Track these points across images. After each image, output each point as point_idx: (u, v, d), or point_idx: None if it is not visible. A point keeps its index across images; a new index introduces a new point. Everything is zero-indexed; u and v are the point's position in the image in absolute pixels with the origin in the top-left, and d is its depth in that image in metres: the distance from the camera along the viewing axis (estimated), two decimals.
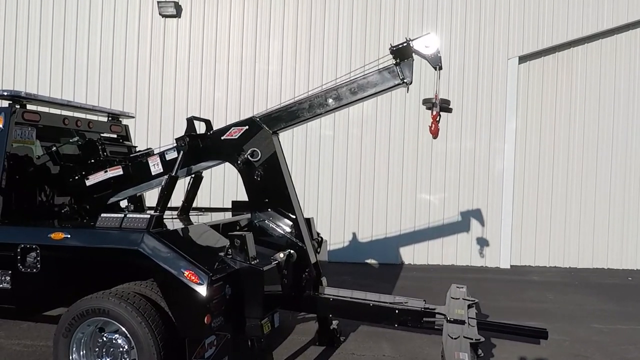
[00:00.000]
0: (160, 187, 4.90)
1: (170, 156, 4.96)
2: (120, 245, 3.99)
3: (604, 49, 10.76)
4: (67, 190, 5.25)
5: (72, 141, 5.34)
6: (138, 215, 4.14)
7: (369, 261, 10.60)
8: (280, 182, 4.84)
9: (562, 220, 10.77)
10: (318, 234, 5.68)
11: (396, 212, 10.65)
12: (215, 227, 4.85)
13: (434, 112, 4.64)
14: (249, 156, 4.75)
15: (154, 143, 7.54)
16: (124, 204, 5.74)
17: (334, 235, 10.33)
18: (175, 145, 4.92)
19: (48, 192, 5.21)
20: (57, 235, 4.13)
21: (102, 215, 4.18)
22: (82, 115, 5.72)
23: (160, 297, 3.99)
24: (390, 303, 4.73)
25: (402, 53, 4.56)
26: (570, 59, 10.82)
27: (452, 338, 3.94)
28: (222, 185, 10.01)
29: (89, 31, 10.92)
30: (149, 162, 5.05)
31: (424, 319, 4.54)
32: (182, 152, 4.83)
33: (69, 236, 4.13)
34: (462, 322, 4.28)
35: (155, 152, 5.15)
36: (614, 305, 7.66)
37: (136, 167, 5.11)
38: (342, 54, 10.62)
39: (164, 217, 4.50)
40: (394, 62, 4.60)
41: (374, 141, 10.66)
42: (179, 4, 10.76)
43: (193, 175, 5.42)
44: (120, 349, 3.95)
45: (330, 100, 4.73)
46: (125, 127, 6.31)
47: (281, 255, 4.45)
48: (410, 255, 10.67)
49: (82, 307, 3.92)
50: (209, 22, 10.85)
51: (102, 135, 5.87)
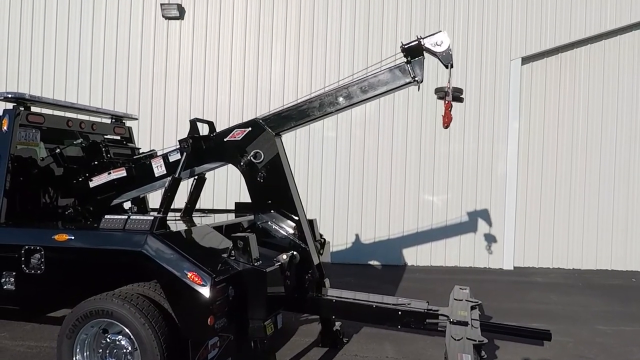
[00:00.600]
0: (163, 189, 4.91)
1: (173, 158, 4.97)
2: (123, 247, 4.01)
3: (607, 50, 10.74)
4: (71, 192, 5.26)
5: (76, 143, 5.36)
6: (141, 217, 4.16)
7: (371, 263, 10.59)
8: (283, 184, 4.85)
9: (566, 221, 10.75)
10: (321, 235, 5.69)
11: (399, 213, 10.65)
12: (218, 228, 4.86)
13: (447, 101, 4.61)
14: (252, 158, 4.76)
15: (157, 145, 7.58)
16: (127, 205, 5.75)
17: (337, 236, 10.32)
18: (178, 147, 4.92)
19: (52, 194, 5.22)
20: (61, 237, 4.15)
21: (106, 216, 4.19)
22: (85, 117, 5.75)
23: (163, 299, 4.00)
24: (393, 304, 4.71)
25: (413, 51, 4.55)
26: (574, 60, 10.80)
27: (455, 339, 3.93)
28: (225, 186, 10.02)
29: (93, 33, 10.96)
30: (152, 163, 5.06)
31: (427, 321, 4.53)
32: (185, 153, 4.83)
33: (72, 238, 4.14)
34: (465, 324, 4.27)
35: (159, 154, 5.16)
36: (618, 306, 7.64)
37: (139, 169, 5.12)
38: (345, 55, 10.63)
39: (167, 218, 4.51)
40: (405, 61, 4.59)
41: (377, 142, 10.67)
42: (182, 6, 10.79)
43: (196, 177, 5.44)
44: (124, 350, 3.97)
45: (341, 99, 4.71)
46: (129, 129, 6.33)
47: (284, 256, 4.45)
48: (413, 256, 10.66)
49: (86, 309, 3.93)
50: (211, 24, 10.88)
51: (105, 137, 5.89)
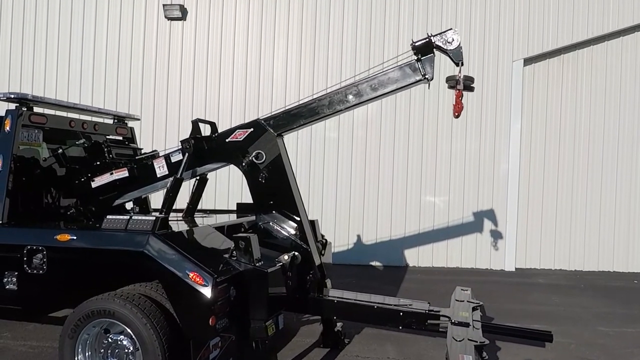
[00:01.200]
0: (165, 189, 4.92)
1: (175, 158, 4.98)
2: (125, 247, 4.01)
3: (609, 51, 10.72)
4: (73, 192, 5.27)
5: (78, 143, 5.37)
6: (143, 217, 4.17)
7: (373, 263, 10.59)
8: (284, 184, 4.85)
9: (568, 222, 10.73)
10: (322, 235, 5.69)
11: (401, 214, 10.64)
12: (220, 229, 4.87)
13: (458, 90, 4.59)
14: (253, 158, 4.77)
15: (159, 145, 7.57)
16: (129, 205, 5.76)
17: (339, 237, 10.33)
18: (180, 147, 4.94)
19: (54, 194, 5.23)
20: (63, 237, 4.15)
21: (108, 217, 4.20)
22: (88, 118, 5.76)
23: (165, 299, 4.01)
24: (395, 305, 4.71)
25: (424, 49, 4.53)
26: (576, 61, 10.79)
27: (456, 340, 3.93)
28: (227, 187, 10.03)
29: (95, 34, 10.99)
30: (155, 164, 5.07)
31: (429, 322, 4.53)
32: (187, 154, 4.85)
33: (74, 238, 4.15)
34: (466, 325, 4.27)
35: (161, 154, 5.17)
36: (620, 308, 7.63)
37: (141, 169, 5.13)
38: (347, 57, 10.63)
39: (169, 219, 4.52)
40: (416, 58, 4.58)
41: (379, 143, 10.66)
42: (185, 6, 10.81)
43: (198, 178, 5.44)
44: (126, 350, 3.97)
45: (351, 97, 4.70)
46: (131, 130, 6.34)
47: (286, 257, 4.45)
48: (415, 257, 10.65)
49: (88, 309, 3.93)
50: (214, 24, 10.89)
51: (107, 137, 5.90)
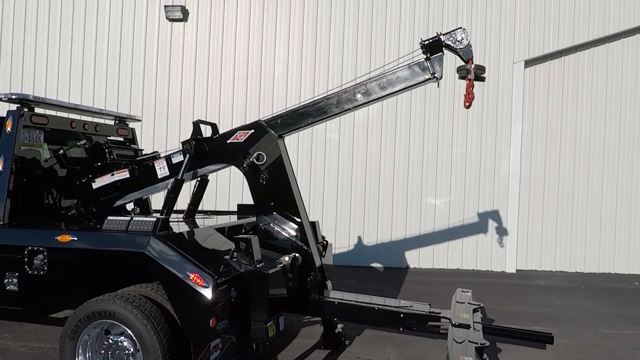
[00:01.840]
0: (166, 190, 4.92)
1: (176, 159, 4.98)
2: (126, 248, 4.02)
3: (610, 53, 10.73)
4: (74, 193, 5.27)
5: (79, 144, 5.37)
6: (144, 218, 4.17)
7: (374, 265, 10.58)
8: (285, 186, 4.85)
9: (569, 224, 10.72)
10: (323, 237, 5.69)
11: (402, 216, 10.64)
12: (220, 230, 4.87)
13: (469, 80, 4.58)
14: (254, 159, 4.77)
15: (160, 146, 7.60)
16: (130, 206, 5.76)
17: (339, 238, 10.32)
18: (181, 148, 4.94)
19: (55, 195, 5.23)
20: (64, 238, 4.15)
21: (109, 218, 4.20)
22: (89, 119, 5.76)
23: (165, 300, 4.01)
24: (396, 307, 4.70)
25: (433, 48, 4.53)
26: (577, 63, 10.79)
27: (457, 342, 3.93)
28: (228, 188, 10.03)
29: (96, 34, 11.00)
30: (155, 165, 5.08)
31: (429, 323, 4.53)
32: (188, 155, 4.85)
33: (75, 239, 4.15)
34: (467, 327, 4.26)
35: (162, 156, 5.17)
36: (621, 310, 7.62)
37: (142, 170, 5.14)
38: (348, 58, 10.63)
39: (170, 220, 4.52)
40: (425, 57, 4.58)
41: (380, 144, 10.66)
42: (186, 8, 10.82)
43: (199, 179, 5.44)
44: (126, 352, 3.97)
45: (359, 96, 4.69)
46: (132, 130, 6.34)
47: (286, 258, 4.46)
48: (416, 259, 10.65)
49: (88, 310, 3.94)
50: (215, 26, 10.90)
51: (109, 138, 5.90)
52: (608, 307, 7.75)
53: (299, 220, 4.85)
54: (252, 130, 4.83)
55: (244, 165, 4.80)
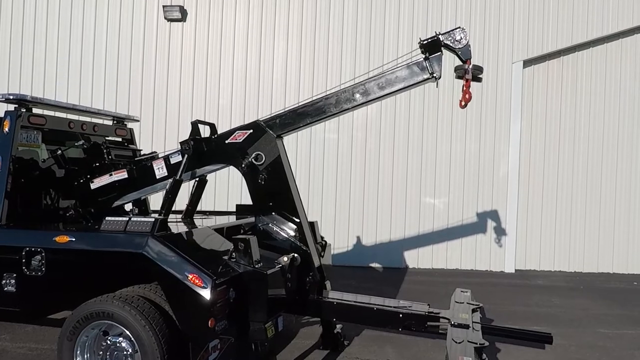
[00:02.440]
0: (164, 191, 4.91)
1: (174, 160, 4.97)
2: (124, 249, 4.00)
3: (609, 53, 10.73)
4: (72, 194, 5.26)
5: (77, 145, 5.35)
6: (142, 219, 4.16)
7: (373, 265, 10.58)
8: (284, 186, 4.84)
9: (567, 224, 10.73)
10: (322, 237, 5.68)
11: (400, 216, 10.64)
12: (219, 230, 4.86)
13: (466, 80, 4.56)
14: (253, 160, 4.76)
15: (158, 146, 7.57)
16: (128, 207, 5.75)
17: (338, 238, 10.32)
18: (179, 148, 4.93)
19: (53, 196, 5.22)
20: (62, 239, 4.14)
21: (107, 218, 4.19)
22: (87, 119, 5.75)
23: (164, 301, 4.00)
24: (395, 307, 4.70)
25: (431, 47, 4.52)
26: (575, 62, 10.80)
27: (456, 342, 3.92)
28: (227, 188, 10.02)
29: (95, 35, 10.99)
30: (154, 165, 5.06)
31: (428, 323, 4.52)
32: (186, 155, 4.84)
33: (73, 239, 4.14)
34: (466, 327, 4.25)
35: (160, 156, 5.16)
36: (620, 309, 7.62)
37: (141, 171, 5.12)
38: (347, 58, 10.63)
39: (169, 220, 4.51)
40: (423, 57, 4.57)
41: (378, 144, 10.66)
42: (185, 8, 10.81)
43: (197, 179, 5.43)
44: (124, 353, 3.96)
45: (358, 95, 4.68)
46: (130, 131, 6.33)
47: (285, 258, 4.45)
48: (415, 259, 10.65)
49: (87, 311, 3.92)
50: (214, 26, 10.89)
51: (107, 138, 5.89)
52: (607, 307, 7.75)
53: (297, 220, 4.84)
54: (251, 130, 4.83)
55: (243, 166, 4.79)
